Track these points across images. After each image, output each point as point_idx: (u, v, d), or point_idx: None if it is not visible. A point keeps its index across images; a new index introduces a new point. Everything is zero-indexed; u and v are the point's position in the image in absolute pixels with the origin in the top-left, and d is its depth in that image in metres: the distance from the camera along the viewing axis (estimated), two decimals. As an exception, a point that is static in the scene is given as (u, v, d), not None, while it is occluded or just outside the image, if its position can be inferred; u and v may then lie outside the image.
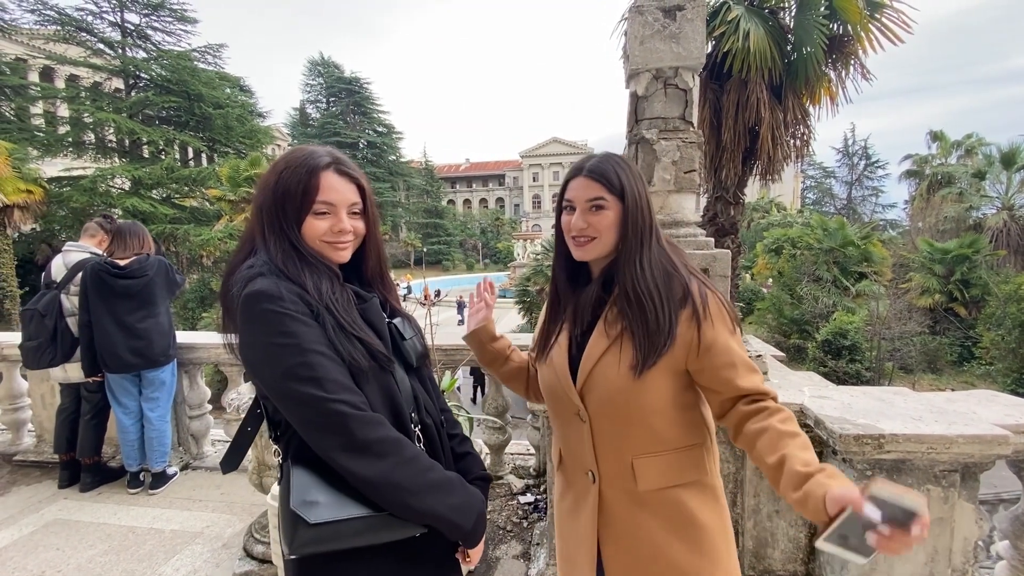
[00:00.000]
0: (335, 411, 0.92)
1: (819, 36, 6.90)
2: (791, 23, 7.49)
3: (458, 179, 76.57)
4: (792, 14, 7.53)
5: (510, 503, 3.13)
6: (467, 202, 75.95)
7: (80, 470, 3.44)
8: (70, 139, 20.64)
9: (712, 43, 7.17)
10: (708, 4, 7.14)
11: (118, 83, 22.29)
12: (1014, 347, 14.39)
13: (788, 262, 20.48)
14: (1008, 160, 21.26)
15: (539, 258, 20.21)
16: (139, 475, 3.42)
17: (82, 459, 3.41)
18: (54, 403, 3.65)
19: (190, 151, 25.98)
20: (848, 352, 15.03)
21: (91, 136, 21.26)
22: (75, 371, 3.30)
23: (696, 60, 2.38)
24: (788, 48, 7.40)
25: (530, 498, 3.16)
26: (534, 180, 68.87)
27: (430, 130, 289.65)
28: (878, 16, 7.11)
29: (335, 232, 1.07)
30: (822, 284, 18.22)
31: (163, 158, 21.27)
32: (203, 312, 17.98)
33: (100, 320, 3.15)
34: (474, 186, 76.69)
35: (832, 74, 7.69)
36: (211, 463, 3.80)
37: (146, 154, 22.10)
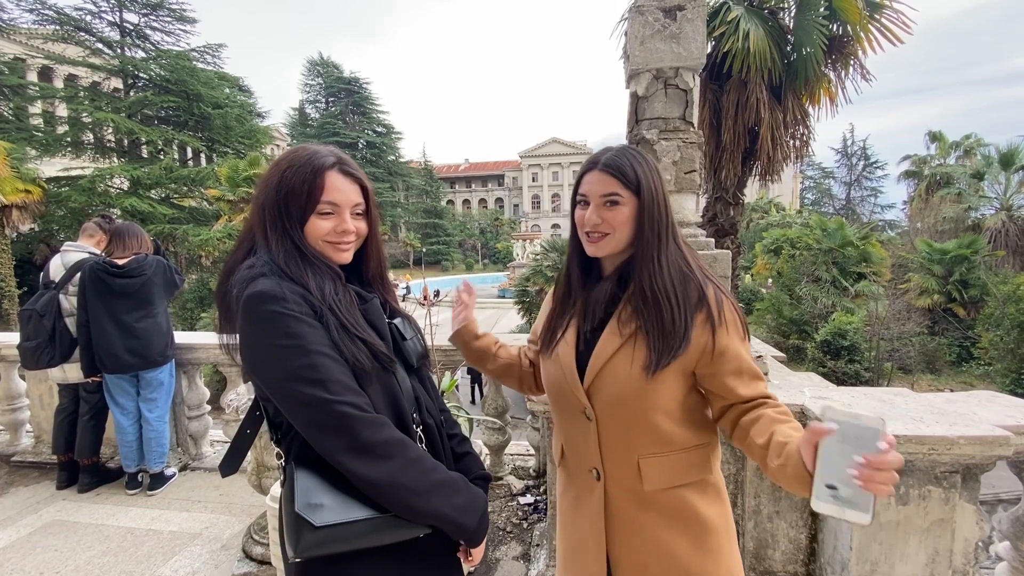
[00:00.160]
0: (340, 412, 0.91)
1: (819, 37, 6.90)
2: (791, 23, 7.48)
3: (457, 179, 76.54)
4: (792, 14, 7.53)
5: (510, 504, 3.13)
6: (466, 202, 75.93)
7: (78, 471, 3.43)
8: (69, 139, 20.58)
9: (712, 43, 7.16)
10: (708, 4, 7.14)
11: (117, 83, 22.27)
12: (1012, 347, 14.39)
13: (787, 262, 20.46)
14: (1007, 161, 21.26)
15: (538, 258, 20.17)
16: (137, 476, 3.41)
17: (80, 460, 3.41)
18: (52, 403, 3.65)
19: (189, 151, 25.96)
20: (847, 352, 15.03)
21: (90, 136, 21.20)
22: (73, 371, 3.29)
23: (696, 60, 2.39)
24: (788, 48, 7.40)
25: (530, 499, 3.15)
26: (533, 180, 68.86)
27: (429, 130, 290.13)
28: (878, 17, 7.11)
29: (338, 232, 1.06)
30: (821, 284, 18.21)
31: (162, 158, 21.22)
32: (202, 312, 17.94)
33: (98, 319, 3.14)
34: (473, 186, 76.66)
35: (832, 75, 7.69)
36: (210, 464, 3.79)
37: (145, 154, 22.06)
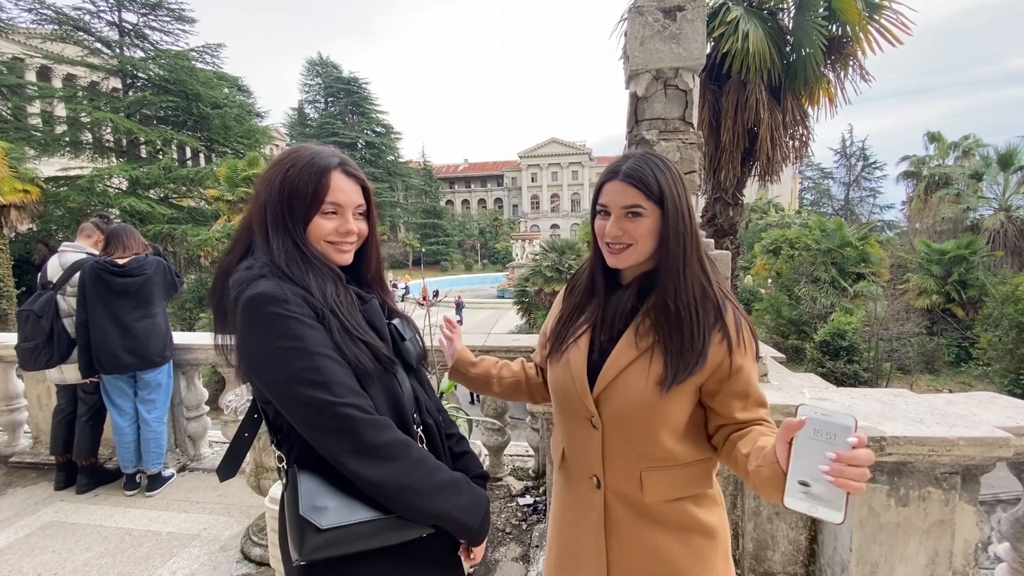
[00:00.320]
0: (344, 415, 0.91)
1: (818, 37, 6.92)
2: (790, 24, 7.50)
3: (457, 179, 76.56)
4: (791, 15, 7.55)
5: (509, 505, 3.12)
6: (465, 202, 75.95)
7: (77, 472, 3.42)
8: (67, 139, 20.55)
9: (711, 44, 7.18)
10: (707, 5, 7.14)
11: (116, 83, 22.25)
12: (1011, 348, 14.42)
13: (786, 263, 20.48)
14: (1005, 161, 21.31)
15: (537, 258, 20.17)
16: (135, 477, 3.40)
17: (78, 461, 3.40)
18: (50, 404, 3.64)
19: (188, 151, 25.93)
20: (846, 353, 15.05)
21: (88, 136, 21.16)
22: (71, 372, 3.28)
23: (696, 61, 2.38)
24: (787, 49, 7.41)
25: (529, 500, 3.15)
26: (532, 181, 68.88)
27: (429, 130, 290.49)
28: (877, 17, 7.13)
29: (341, 233, 1.06)
30: (820, 285, 18.23)
31: (161, 158, 21.20)
32: (200, 312, 17.93)
33: (97, 319, 3.14)
34: (472, 186, 76.68)
35: (831, 75, 7.72)
36: (208, 465, 3.78)
37: (143, 154, 22.02)
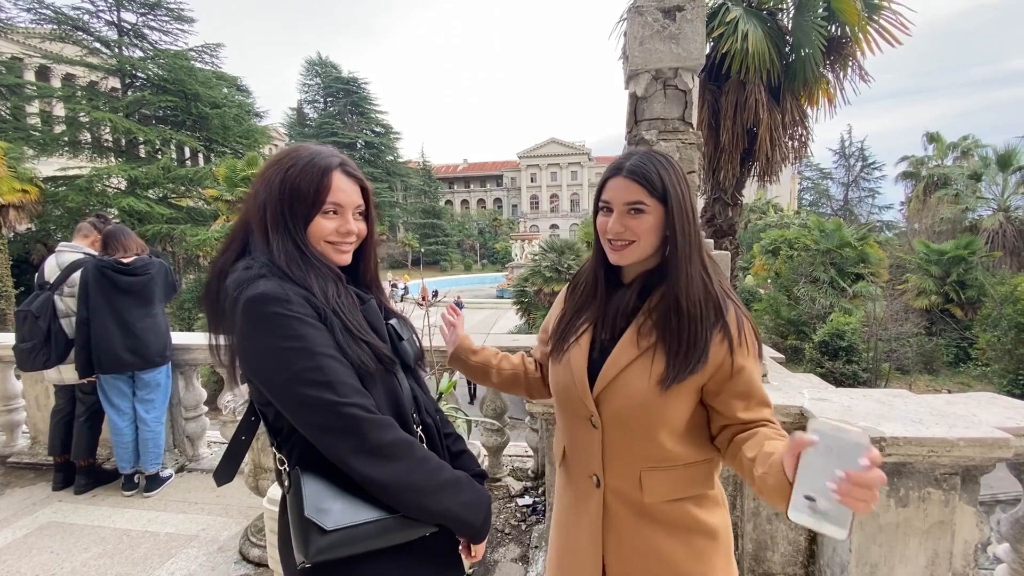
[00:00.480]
0: (348, 415, 0.91)
1: (817, 38, 6.91)
2: (789, 24, 7.49)
3: (456, 179, 76.52)
4: (790, 15, 7.54)
5: (508, 505, 3.12)
6: (465, 203, 75.92)
7: (75, 472, 3.41)
8: (66, 138, 20.49)
9: (710, 44, 7.17)
10: (707, 5, 7.14)
11: (114, 82, 22.19)
12: (1010, 348, 14.43)
13: (785, 263, 20.48)
14: (1004, 162, 21.32)
15: (536, 259, 20.15)
16: (134, 477, 3.40)
17: (77, 461, 3.39)
18: (49, 404, 3.63)
19: (187, 151, 25.87)
20: (845, 353, 15.05)
21: (87, 135, 21.11)
22: (69, 372, 3.27)
23: (696, 61, 2.38)
24: (786, 49, 7.40)
25: (528, 500, 3.14)
26: (532, 181, 68.87)
27: (428, 130, 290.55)
28: (876, 18, 7.13)
29: (341, 233, 1.06)
30: (819, 285, 18.23)
31: (159, 158, 21.14)
32: (199, 313, 17.86)
33: (99, 318, 3.13)
34: (472, 186, 76.65)
35: (830, 76, 7.71)
36: (207, 465, 3.77)
37: (142, 154, 21.97)
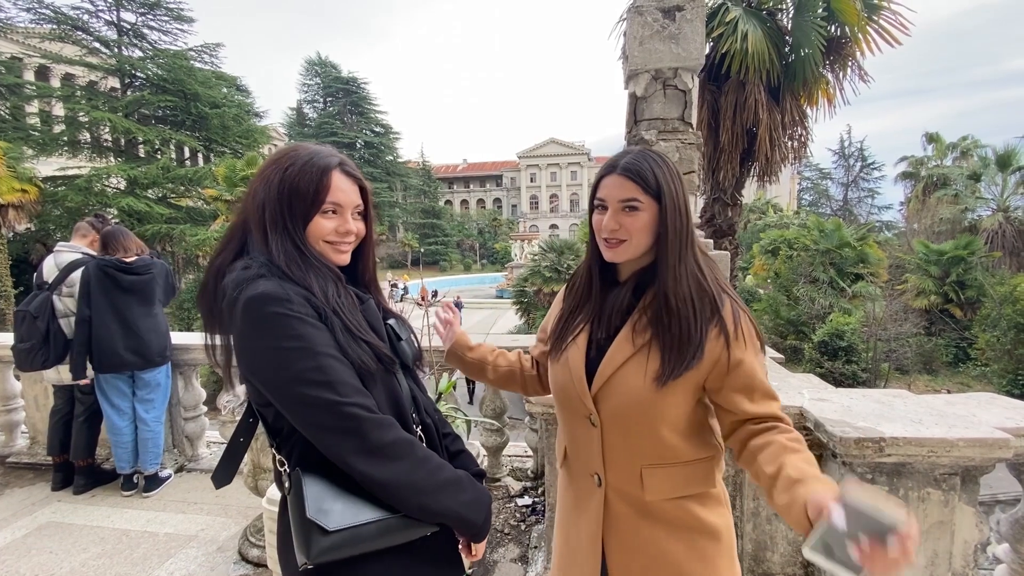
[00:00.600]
0: (350, 414, 0.91)
1: (817, 38, 6.92)
2: (789, 25, 7.50)
3: (455, 179, 76.51)
4: (790, 16, 7.56)
5: (507, 506, 3.12)
6: (464, 203, 75.91)
7: (74, 472, 3.41)
8: (65, 138, 20.45)
9: (710, 44, 7.18)
10: (706, 5, 7.15)
11: (114, 82, 22.14)
12: (1009, 348, 14.46)
13: (784, 263, 20.51)
14: (1003, 162, 21.35)
15: (536, 259, 20.15)
16: (133, 477, 3.39)
17: (76, 461, 3.39)
18: (47, 404, 3.62)
19: (186, 151, 25.82)
20: (844, 353, 15.06)
21: (87, 135, 21.06)
22: (68, 373, 3.26)
23: (696, 61, 2.38)
24: (786, 50, 7.42)
25: (528, 501, 3.14)
26: (531, 181, 68.87)
27: (427, 130, 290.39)
28: (876, 18, 7.14)
29: (340, 233, 1.06)
30: (818, 285, 18.25)
31: (159, 158, 21.10)
32: (199, 313, 17.87)
33: (101, 317, 3.13)
34: (472, 186, 76.65)
35: (830, 76, 7.73)
36: (206, 465, 3.77)
37: (142, 153, 21.94)
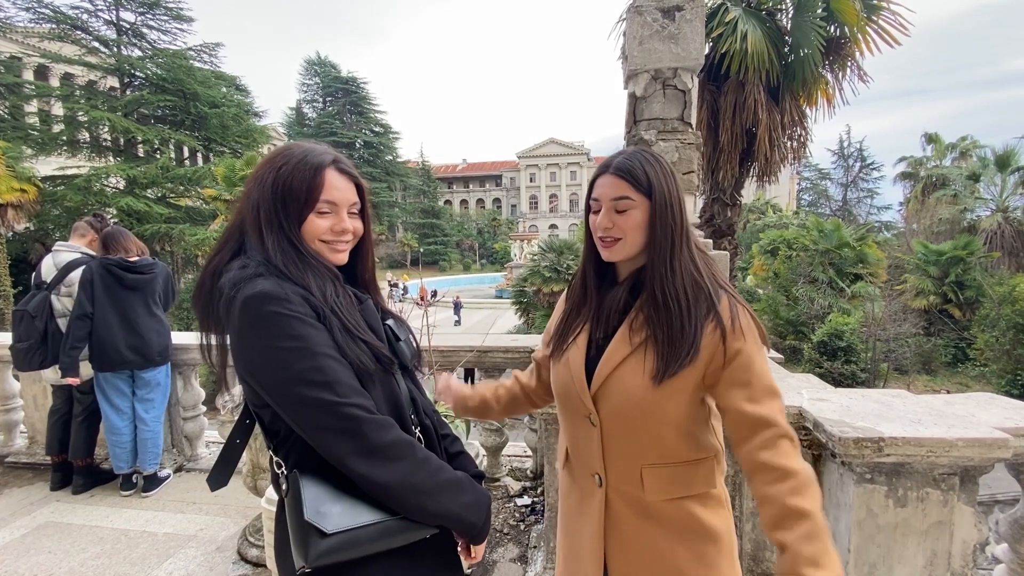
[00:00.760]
0: (349, 415, 0.90)
1: (816, 38, 6.92)
2: (788, 25, 7.51)
3: (455, 179, 76.53)
4: (789, 16, 7.56)
5: (507, 505, 3.12)
6: (464, 202, 75.92)
7: (73, 472, 3.41)
8: (64, 138, 20.44)
9: (710, 44, 7.18)
10: (706, 5, 7.15)
11: (113, 82, 22.10)
12: (1008, 348, 14.46)
13: (784, 263, 20.52)
14: (1002, 162, 21.36)
15: (535, 259, 20.17)
16: (132, 477, 3.39)
17: (74, 461, 3.38)
18: (46, 404, 3.62)
19: (185, 150, 25.83)
20: (843, 353, 15.06)
21: (86, 135, 21.03)
22: (67, 372, 3.26)
23: (695, 61, 2.38)
24: (785, 50, 7.42)
25: (527, 500, 3.14)
26: (531, 181, 68.89)
27: (427, 130, 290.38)
28: (875, 19, 7.15)
29: (336, 232, 1.05)
30: (818, 285, 18.26)
31: (158, 157, 21.08)
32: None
33: (104, 314, 3.14)
34: (471, 186, 76.66)
35: (829, 76, 7.74)
36: (205, 465, 3.77)
37: (141, 153, 21.93)
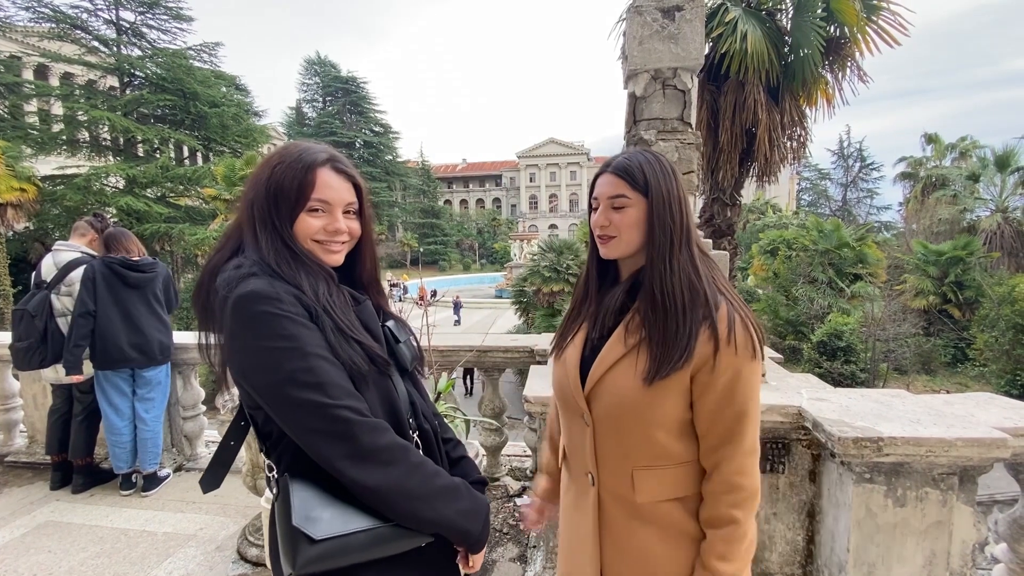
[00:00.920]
0: (340, 417, 0.87)
1: (816, 38, 6.92)
2: (788, 25, 7.51)
3: (455, 179, 76.52)
4: (789, 16, 7.56)
5: (506, 505, 3.12)
6: (464, 202, 75.91)
7: (72, 471, 3.41)
8: (64, 137, 20.43)
9: (710, 44, 7.18)
10: (706, 5, 7.15)
11: (113, 81, 22.10)
12: (1007, 348, 14.45)
13: (783, 263, 20.51)
14: (1002, 163, 21.34)
15: (535, 258, 20.16)
16: (131, 477, 3.39)
17: (74, 460, 3.38)
18: (46, 404, 3.62)
19: (185, 150, 25.82)
20: (843, 353, 15.05)
21: (85, 134, 21.03)
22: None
23: (695, 61, 2.38)
24: (785, 50, 7.42)
25: (527, 500, 3.14)
26: (531, 181, 68.87)
27: (427, 130, 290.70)
28: (875, 19, 7.15)
29: (329, 232, 1.02)
30: (817, 285, 18.25)
31: (158, 157, 21.10)
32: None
33: (106, 312, 3.14)
34: (471, 186, 76.65)
35: (829, 76, 7.73)
36: (205, 464, 3.74)
37: (141, 153, 21.94)
